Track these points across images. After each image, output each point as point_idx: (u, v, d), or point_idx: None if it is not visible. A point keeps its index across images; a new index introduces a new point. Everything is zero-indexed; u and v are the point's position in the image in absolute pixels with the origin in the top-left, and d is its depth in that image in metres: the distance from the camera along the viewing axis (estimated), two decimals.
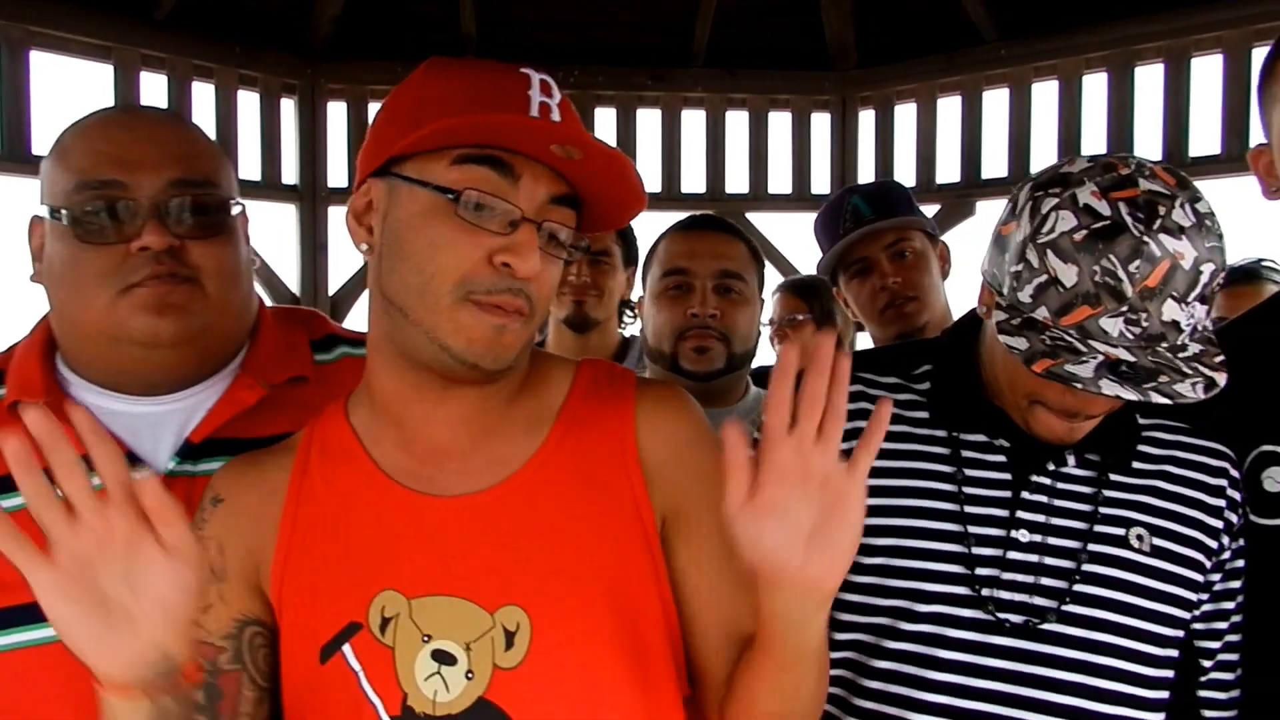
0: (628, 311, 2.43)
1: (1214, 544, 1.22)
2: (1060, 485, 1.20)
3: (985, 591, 1.17)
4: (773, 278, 3.76)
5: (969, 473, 1.21)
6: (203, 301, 1.17)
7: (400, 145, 0.95)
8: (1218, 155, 3.04)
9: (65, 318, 1.20)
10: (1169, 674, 1.21)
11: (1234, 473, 1.25)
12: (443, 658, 0.97)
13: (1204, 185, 3.26)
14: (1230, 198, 1.37)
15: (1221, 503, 1.23)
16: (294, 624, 1.02)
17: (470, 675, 0.97)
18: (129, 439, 1.18)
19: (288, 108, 3.69)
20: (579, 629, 0.98)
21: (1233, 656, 1.27)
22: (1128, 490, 1.21)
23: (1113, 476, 1.21)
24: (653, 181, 3.82)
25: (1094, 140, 3.27)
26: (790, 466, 0.85)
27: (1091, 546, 1.18)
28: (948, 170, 3.65)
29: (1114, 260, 1.03)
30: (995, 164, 3.53)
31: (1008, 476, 1.20)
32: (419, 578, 0.99)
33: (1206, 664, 1.26)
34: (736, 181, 3.87)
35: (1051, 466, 1.20)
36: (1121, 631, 1.17)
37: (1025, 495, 1.19)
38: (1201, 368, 1.05)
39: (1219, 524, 1.22)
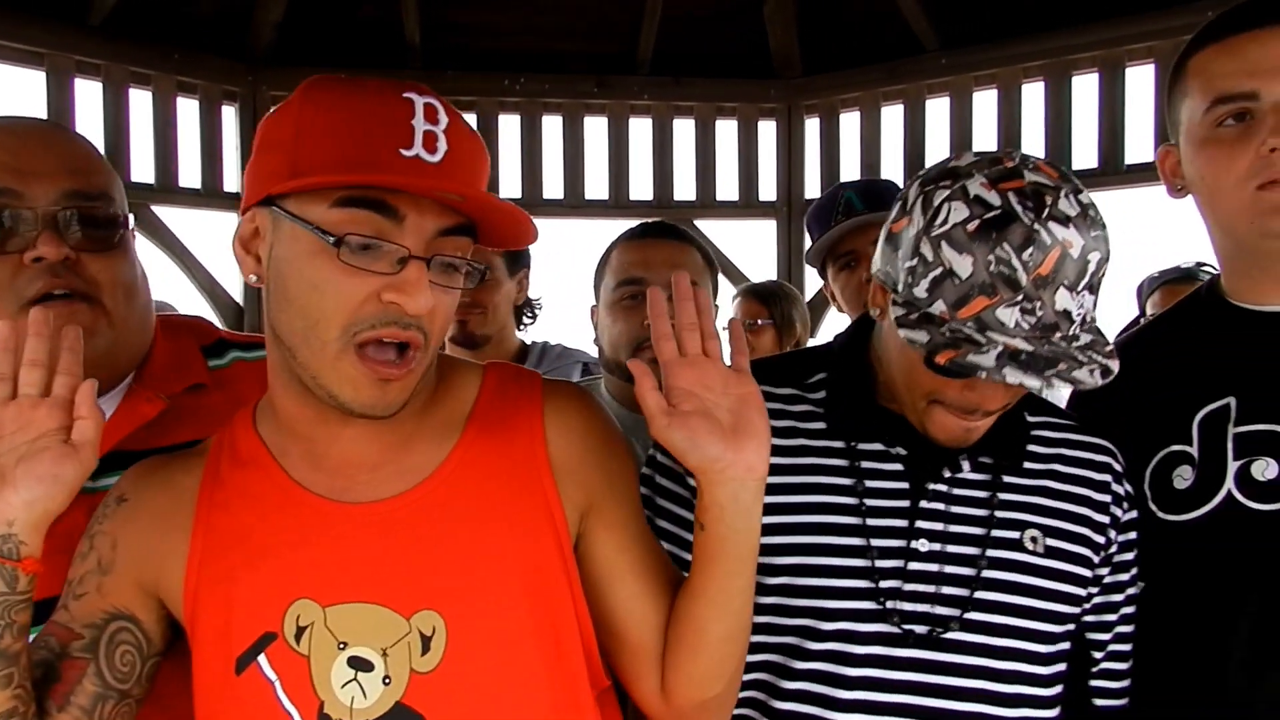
0: (526, 314, 2.39)
1: (1101, 539, 1.24)
2: (957, 491, 1.21)
3: (889, 604, 1.17)
4: (724, 286, 3.79)
5: (869, 484, 1.21)
6: (105, 321, 1.16)
7: (279, 188, 0.94)
8: (1152, 162, 3.11)
9: None
10: (1061, 667, 1.24)
11: (1118, 467, 1.28)
12: (359, 664, 0.98)
13: (1139, 191, 3.31)
14: (1166, 203, 1.40)
15: (1107, 498, 1.25)
16: (208, 634, 1.01)
17: (387, 680, 0.97)
18: None
19: (228, 115, 3.64)
20: (494, 631, 0.99)
21: (1124, 647, 1.30)
22: (1020, 492, 1.23)
23: (1006, 479, 1.22)
24: (600, 189, 3.82)
25: (1033, 147, 3.34)
26: (693, 382, 0.98)
27: (990, 553, 1.19)
28: (891, 177, 3.69)
29: (1008, 249, 1.05)
30: None
31: (905, 485, 1.21)
32: (333, 585, 0.99)
33: (1098, 655, 1.29)
34: (684, 189, 3.88)
35: (947, 473, 1.21)
36: (1019, 634, 1.19)
37: (923, 504, 1.20)
38: (1096, 356, 1.07)
39: (1105, 519, 1.25)
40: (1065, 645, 1.24)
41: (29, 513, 0.94)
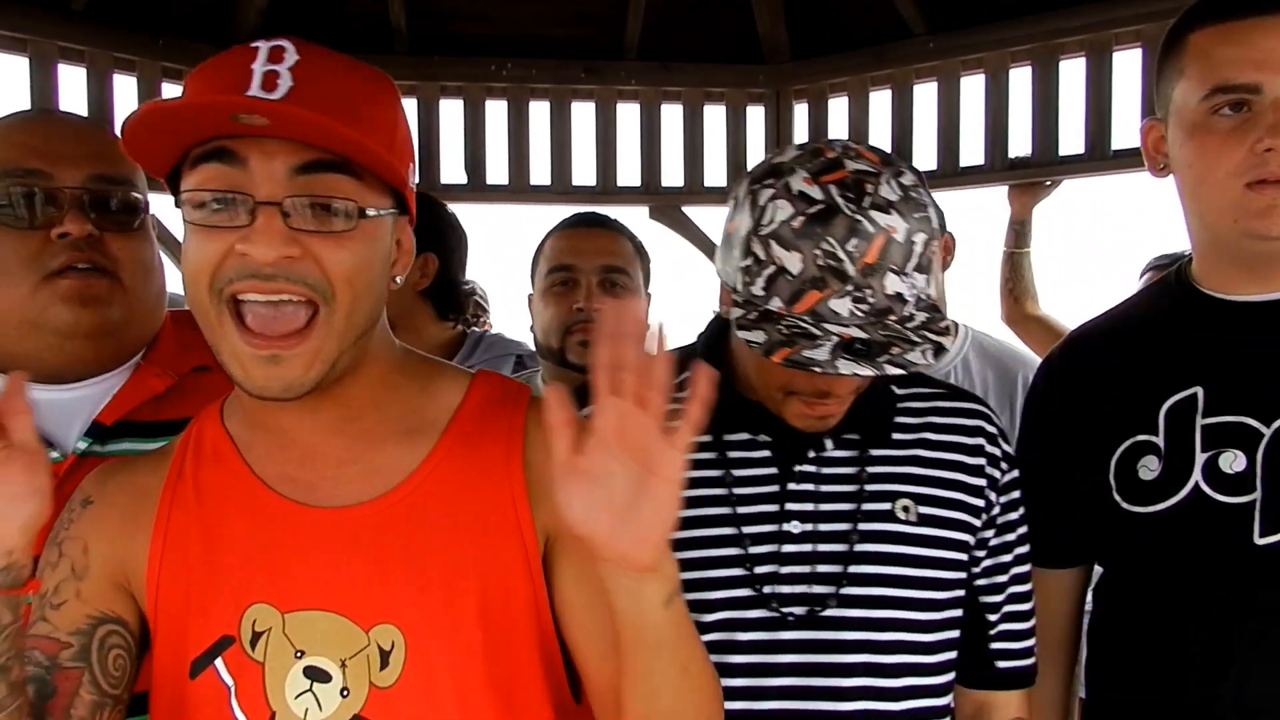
0: (453, 302, 2.25)
1: (979, 502, 1.26)
2: (825, 470, 1.23)
3: (766, 589, 1.19)
4: (710, 272, 3.78)
5: (736, 473, 1.23)
6: (122, 295, 1.23)
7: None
8: (1139, 148, 3.10)
9: None
10: (952, 634, 1.26)
11: (990, 428, 1.29)
12: (316, 675, 0.95)
13: (1127, 178, 3.31)
14: (1152, 188, 1.40)
15: (981, 461, 1.27)
16: (167, 635, 0.98)
17: (346, 693, 0.95)
18: (37, 423, 1.16)
19: None
20: (453, 649, 0.96)
21: (1021, 606, 1.32)
22: (890, 464, 1.25)
23: (874, 452, 1.24)
24: (588, 175, 3.81)
25: (1020, 133, 3.34)
26: (612, 431, 0.83)
27: (861, 526, 1.21)
28: None
29: (833, 242, 1.07)
30: (925, 156, 3.59)
31: (774, 471, 1.23)
32: (294, 591, 0.96)
33: (993, 617, 1.30)
34: (672, 175, 3.87)
35: (813, 454, 1.23)
36: (899, 604, 1.20)
37: (792, 486, 1.22)
38: (929, 334, 1.09)
39: (981, 482, 1.26)
40: (953, 613, 1.25)
41: (25, 535, 0.90)
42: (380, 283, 0.97)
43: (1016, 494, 1.30)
